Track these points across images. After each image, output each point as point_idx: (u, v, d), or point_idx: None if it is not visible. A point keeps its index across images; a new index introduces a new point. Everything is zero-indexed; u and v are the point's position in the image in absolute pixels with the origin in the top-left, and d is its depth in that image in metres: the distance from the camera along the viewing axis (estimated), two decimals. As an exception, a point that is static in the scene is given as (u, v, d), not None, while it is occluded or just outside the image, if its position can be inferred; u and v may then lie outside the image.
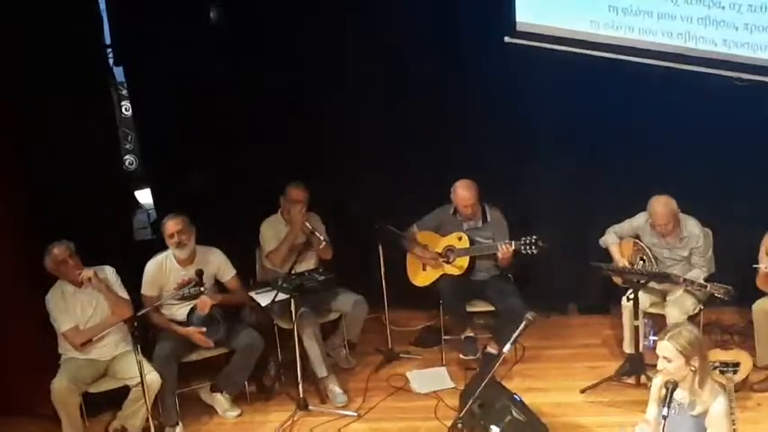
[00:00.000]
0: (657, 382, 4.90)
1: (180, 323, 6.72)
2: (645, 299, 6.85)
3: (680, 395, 4.67)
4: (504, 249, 6.89)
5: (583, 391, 6.79)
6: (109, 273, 6.54)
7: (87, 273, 6.32)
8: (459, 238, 7.23)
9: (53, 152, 7.02)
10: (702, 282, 6.52)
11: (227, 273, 6.90)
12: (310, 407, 6.78)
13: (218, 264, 6.86)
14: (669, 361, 4.63)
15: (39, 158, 6.98)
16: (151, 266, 6.72)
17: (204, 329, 6.64)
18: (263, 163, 7.76)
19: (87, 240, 6.58)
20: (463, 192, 7.08)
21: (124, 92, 8.19)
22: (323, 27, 7.52)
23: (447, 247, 7.28)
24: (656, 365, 4.86)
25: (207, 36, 7.48)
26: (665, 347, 4.64)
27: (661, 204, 6.71)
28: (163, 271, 6.71)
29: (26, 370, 6.72)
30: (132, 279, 6.71)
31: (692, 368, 4.62)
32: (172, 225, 6.60)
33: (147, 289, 6.70)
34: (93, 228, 7.03)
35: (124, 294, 6.53)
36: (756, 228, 6.67)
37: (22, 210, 6.81)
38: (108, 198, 7.46)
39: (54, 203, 7.02)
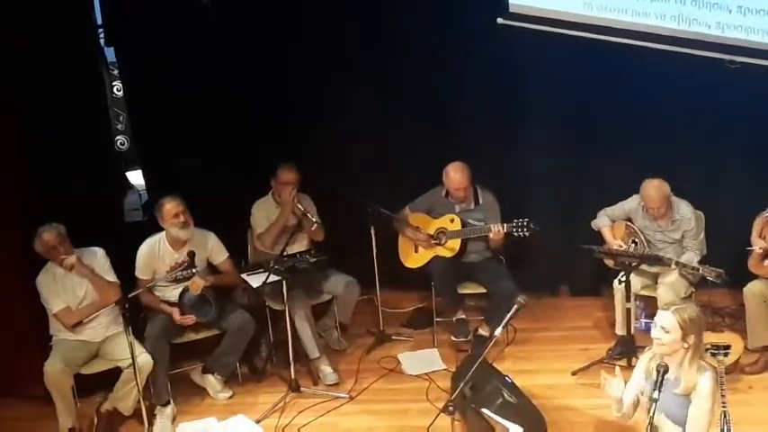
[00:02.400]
0: (645, 357, 4.93)
1: (172, 304, 6.71)
2: (637, 281, 6.88)
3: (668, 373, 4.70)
4: (496, 231, 6.89)
5: (574, 374, 6.81)
6: (98, 255, 6.53)
7: (71, 259, 6.30)
8: (452, 221, 7.23)
9: (44, 133, 6.98)
10: (695, 265, 6.53)
11: (221, 255, 6.89)
12: (302, 388, 6.78)
13: (211, 246, 6.85)
14: (667, 332, 4.65)
15: (29, 139, 6.93)
16: (144, 250, 6.70)
17: (191, 315, 6.65)
18: (255, 144, 7.74)
19: (78, 221, 6.56)
20: (455, 175, 7.07)
21: (115, 72, 8.15)
22: (317, 10, 7.48)
23: (439, 229, 7.28)
24: (647, 347, 4.87)
25: (199, 16, 7.44)
26: (667, 318, 4.66)
27: (654, 187, 6.70)
28: (156, 254, 6.69)
29: (18, 352, 6.70)
30: (123, 260, 6.69)
31: (685, 345, 4.65)
32: (174, 206, 6.56)
33: (140, 272, 6.68)
34: (83, 208, 7.00)
35: (112, 278, 6.52)
36: (748, 211, 6.68)
37: (13, 190, 6.77)
38: (99, 179, 7.43)
39: (45, 184, 6.98)
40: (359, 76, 7.66)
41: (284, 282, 6.58)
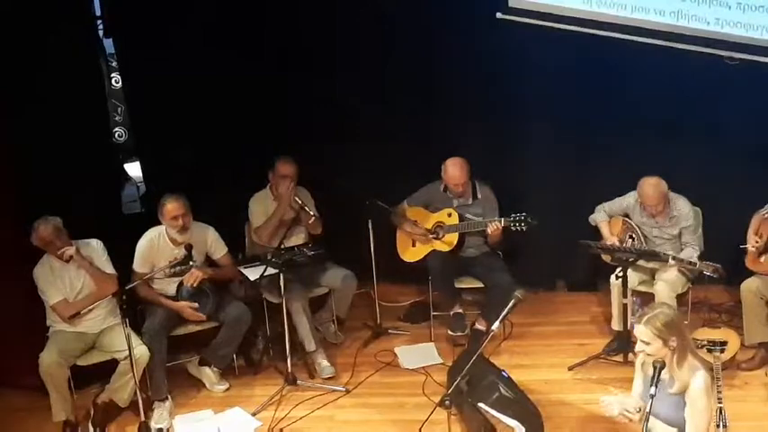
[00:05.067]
0: (640, 358, 4.94)
1: (170, 297, 6.71)
2: (633, 277, 6.88)
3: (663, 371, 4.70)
4: (494, 227, 6.88)
5: (571, 369, 6.82)
6: (96, 246, 6.53)
7: (70, 250, 6.31)
8: (449, 215, 7.23)
9: (42, 124, 6.96)
10: (692, 259, 6.53)
11: (220, 250, 6.89)
12: (298, 381, 6.79)
13: (210, 241, 6.84)
14: (647, 343, 4.67)
15: (27, 130, 6.91)
16: (143, 244, 6.69)
17: (196, 304, 6.64)
18: (253, 136, 7.73)
19: (76, 213, 6.56)
20: (453, 170, 7.08)
21: (114, 64, 8.12)
22: (317, 6, 7.48)
23: (437, 223, 7.28)
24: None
25: (198, 8, 7.42)
26: (642, 331, 4.68)
27: (651, 186, 6.71)
28: (155, 249, 6.68)
29: (14, 342, 6.70)
30: (121, 252, 6.69)
31: (671, 348, 4.65)
32: (175, 207, 6.53)
33: (138, 266, 6.67)
34: (81, 200, 7.00)
35: (110, 269, 6.52)
36: (746, 207, 6.70)
37: (10, 181, 6.76)
38: (97, 171, 7.41)
39: (43, 175, 6.96)
40: (359, 74, 7.67)
41: (281, 275, 6.59)
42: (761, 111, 7.00)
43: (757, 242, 6.48)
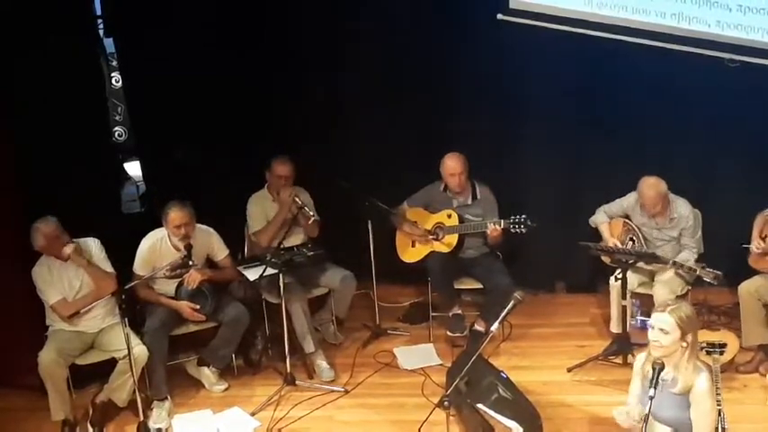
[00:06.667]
0: (640, 359, 4.94)
1: (170, 297, 6.70)
2: (633, 279, 6.88)
3: (664, 372, 4.69)
4: (493, 229, 6.88)
5: (569, 370, 6.82)
6: (93, 245, 6.52)
7: (68, 249, 6.30)
8: (449, 216, 7.22)
9: (42, 123, 6.96)
10: (692, 265, 6.52)
11: (221, 252, 6.88)
12: (297, 382, 6.79)
13: (212, 244, 6.83)
14: (666, 333, 4.65)
15: (27, 130, 6.92)
16: (145, 247, 6.66)
17: (197, 306, 6.63)
18: (253, 136, 7.73)
19: (75, 212, 6.56)
20: (451, 162, 7.08)
21: (114, 63, 8.13)
22: (318, 4, 7.49)
23: (436, 224, 7.28)
24: (642, 345, 4.88)
25: (198, 8, 7.42)
26: (665, 320, 4.66)
27: (649, 186, 6.71)
28: (156, 253, 6.65)
29: (14, 342, 6.70)
30: (121, 252, 6.68)
31: (684, 344, 4.65)
32: (179, 216, 6.50)
33: (139, 268, 6.63)
34: (81, 200, 6.99)
35: (108, 268, 6.50)
36: (745, 209, 6.69)
37: (9, 181, 6.76)
38: (97, 170, 7.40)
39: (42, 175, 6.96)
40: (359, 74, 7.67)
41: (281, 275, 6.59)
42: (761, 112, 7.01)
43: (760, 244, 6.46)
